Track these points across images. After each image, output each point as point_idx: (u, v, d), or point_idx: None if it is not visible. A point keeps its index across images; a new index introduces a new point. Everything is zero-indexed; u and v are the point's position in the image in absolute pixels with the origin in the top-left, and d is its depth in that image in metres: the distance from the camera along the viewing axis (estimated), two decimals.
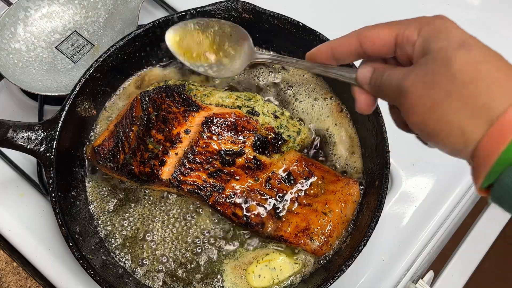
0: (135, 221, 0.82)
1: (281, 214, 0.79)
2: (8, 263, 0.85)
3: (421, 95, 0.49)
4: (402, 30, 0.53)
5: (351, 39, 0.57)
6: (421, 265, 0.89)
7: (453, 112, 0.47)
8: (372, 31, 0.55)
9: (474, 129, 0.46)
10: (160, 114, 0.79)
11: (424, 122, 0.49)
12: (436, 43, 0.50)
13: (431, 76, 0.49)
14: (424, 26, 0.52)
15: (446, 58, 0.48)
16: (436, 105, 0.48)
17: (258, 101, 0.82)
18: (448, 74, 0.47)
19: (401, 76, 0.51)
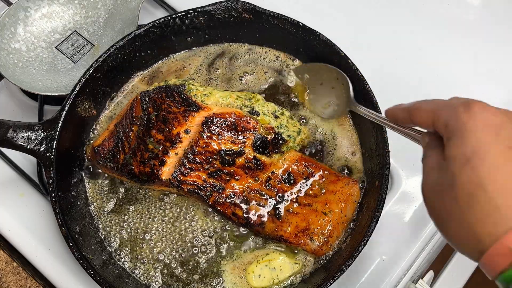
0: (135, 221, 0.82)
1: (281, 214, 0.79)
2: (8, 263, 0.85)
3: (431, 199, 0.52)
4: (436, 119, 0.54)
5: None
6: (421, 265, 0.88)
7: (453, 232, 0.49)
8: (417, 112, 0.56)
9: (470, 252, 0.49)
10: (160, 114, 0.79)
11: (436, 219, 0.52)
12: (450, 150, 0.50)
13: (439, 191, 0.51)
14: (451, 120, 0.51)
15: (452, 175, 0.49)
16: (442, 217, 0.51)
17: (258, 101, 0.82)
18: (452, 194, 0.49)
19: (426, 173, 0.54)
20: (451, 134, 0.50)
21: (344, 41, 0.85)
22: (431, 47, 1.04)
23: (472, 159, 0.47)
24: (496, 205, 0.46)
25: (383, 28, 1.06)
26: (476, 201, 0.47)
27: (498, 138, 0.48)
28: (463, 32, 1.06)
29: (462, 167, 0.48)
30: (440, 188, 0.50)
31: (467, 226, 0.47)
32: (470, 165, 0.47)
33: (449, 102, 0.53)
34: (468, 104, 0.50)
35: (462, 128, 0.49)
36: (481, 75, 1.01)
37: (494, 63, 1.02)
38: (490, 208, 0.46)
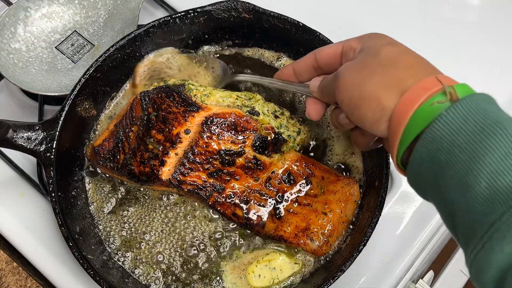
0: (135, 221, 0.82)
1: (281, 214, 0.79)
2: (8, 263, 0.85)
3: (350, 75, 0.58)
4: (347, 42, 0.65)
5: (309, 57, 0.70)
6: (421, 265, 0.89)
7: (374, 86, 0.55)
8: (325, 47, 0.68)
9: (389, 98, 0.53)
10: (160, 114, 0.79)
11: (350, 97, 0.57)
12: (369, 42, 0.61)
13: (361, 62, 0.59)
14: (363, 36, 0.64)
15: (376, 50, 0.59)
16: (362, 82, 0.56)
17: (258, 100, 0.82)
18: (375, 60, 0.57)
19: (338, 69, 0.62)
20: (368, 39, 0.63)
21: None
22: (431, 47, 1.04)
23: (392, 43, 0.60)
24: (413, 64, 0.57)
25: (383, 28, 1.05)
26: (399, 61, 0.56)
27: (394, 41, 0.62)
28: (463, 32, 1.06)
29: (385, 46, 0.59)
30: (360, 63, 0.59)
31: (389, 78, 0.55)
32: (391, 45, 0.59)
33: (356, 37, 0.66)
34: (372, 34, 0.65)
35: (378, 35, 0.63)
36: (481, 75, 1.01)
37: (494, 63, 1.02)
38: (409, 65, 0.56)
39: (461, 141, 0.48)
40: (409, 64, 0.56)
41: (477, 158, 0.47)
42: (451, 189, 0.49)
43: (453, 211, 0.49)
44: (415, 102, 0.51)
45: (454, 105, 0.49)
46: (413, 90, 0.52)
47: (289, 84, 0.74)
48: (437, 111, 0.50)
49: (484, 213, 0.45)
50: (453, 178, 0.48)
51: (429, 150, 0.50)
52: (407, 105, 0.52)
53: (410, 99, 0.52)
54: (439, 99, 0.51)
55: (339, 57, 0.66)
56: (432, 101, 0.51)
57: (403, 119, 0.52)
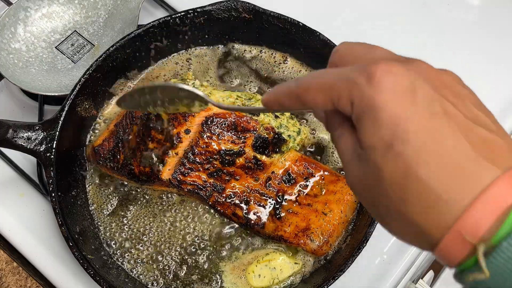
0: (135, 221, 0.82)
1: (281, 214, 0.79)
2: (8, 263, 0.85)
3: (364, 200, 0.44)
4: (335, 100, 0.42)
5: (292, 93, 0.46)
6: (421, 265, 0.88)
7: (396, 228, 0.41)
8: (308, 96, 0.43)
9: (423, 248, 0.41)
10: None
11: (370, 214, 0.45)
12: (365, 137, 0.40)
13: (367, 186, 0.42)
14: (355, 98, 0.40)
15: (376, 168, 0.40)
16: (379, 215, 0.42)
17: (258, 100, 0.82)
18: (381, 191, 0.40)
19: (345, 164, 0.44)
20: (359, 116, 0.40)
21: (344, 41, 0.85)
22: (431, 47, 1.04)
23: (394, 144, 0.38)
24: (434, 192, 0.37)
25: (383, 28, 1.06)
26: (411, 193, 0.38)
27: (415, 106, 0.38)
28: (463, 32, 1.06)
29: (384, 157, 0.38)
30: (367, 183, 0.41)
31: (408, 221, 0.39)
32: (393, 153, 0.38)
33: (343, 74, 0.41)
34: (369, 72, 0.39)
35: (371, 106, 0.39)
36: (481, 75, 1.01)
37: (494, 63, 1.02)
38: (428, 198, 0.38)
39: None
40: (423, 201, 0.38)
41: None
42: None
43: None
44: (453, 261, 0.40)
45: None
46: (445, 249, 0.39)
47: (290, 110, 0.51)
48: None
49: None
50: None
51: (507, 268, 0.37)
52: (446, 262, 0.41)
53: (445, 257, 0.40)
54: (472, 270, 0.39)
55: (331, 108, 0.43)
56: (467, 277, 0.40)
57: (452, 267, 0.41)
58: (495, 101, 0.98)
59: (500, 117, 0.95)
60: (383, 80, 0.38)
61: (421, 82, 0.39)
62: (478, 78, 1.01)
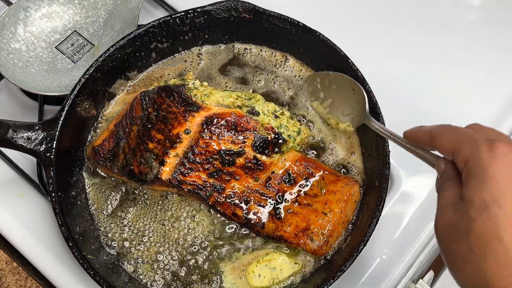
0: (135, 221, 0.82)
1: (281, 214, 0.79)
2: (8, 263, 0.85)
3: (444, 243, 0.51)
4: (456, 151, 0.52)
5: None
6: (421, 265, 0.88)
7: (465, 276, 0.49)
8: (439, 139, 0.55)
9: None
10: (160, 114, 0.79)
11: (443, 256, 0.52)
12: (469, 192, 0.48)
13: (454, 233, 0.49)
14: (472, 158, 0.49)
15: (469, 219, 0.47)
16: (453, 260, 0.50)
17: (258, 100, 0.82)
18: (467, 240, 0.48)
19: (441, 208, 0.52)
20: (471, 173, 0.49)
21: (344, 41, 0.85)
22: (431, 47, 1.04)
23: (491, 207, 0.46)
24: (510, 256, 0.45)
25: (383, 28, 1.06)
26: (492, 252, 0.45)
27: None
28: (463, 32, 1.06)
29: (480, 214, 0.46)
30: (455, 230, 0.49)
31: (480, 274, 0.46)
32: (488, 213, 0.46)
33: (473, 137, 0.50)
34: (493, 144, 0.48)
35: (483, 170, 0.47)
36: (481, 75, 1.01)
37: (494, 63, 1.02)
38: (506, 261, 0.45)
39: None
40: (501, 261, 0.46)
41: None
42: None
43: None
44: None
45: None
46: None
47: (422, 152, 0.60)
48: None
49: None
50: None
51: None
52: None
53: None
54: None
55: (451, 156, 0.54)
56: None
57: None
58: (495, 101, 0.98)
59: (500, 117, 0.95)
60: (502, 155, 0.47)
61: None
62: (479, 78, 1.01)
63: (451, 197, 0.51)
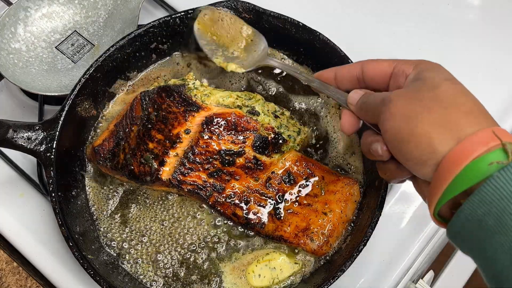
0: (135, 221, 0.82)
1: (281, 214, 0.79)
2: (8, 263, 0.85)
3: (402, 105, 0.54)
4: (400, 64, 0.60)
5: (355, 65, 0.65)
6: (421, 265, 0.89)
7: (427, 124, 0.51)
8: (375, 61, 0.63)
9: (442, 143, 0.50)
10: (160, 114, 0.79)
11: (399, 129, 0.53)
12: (427, 73, 0.56)
13: (416, 92, 0.54)
14: (420, 63, 0.58)
15: (433, 83, 0.54)
16: (415, 116, 0.52)
17: (258, 100, 0.82)
18: (432, 94, 0.53)
19: (387, 93, 0.57)
20: (426, 69, 0.57)
21: (344, 41, 0.85)
22: (431, 47, 1.04)
23: (452, 79, 0.55)
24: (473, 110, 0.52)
25: (383, 28, 1.06)
26: (459, 103, 0.52)
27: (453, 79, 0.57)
28: (463, 32, 1.06)
29: (445, 81, 0.54)
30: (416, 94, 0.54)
31: (446, 120, 0.51)
32: (451, 81, 0.55)
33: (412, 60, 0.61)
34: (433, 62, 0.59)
35: (436, 66, 0.58)
36: (481, 75, 1.01)
37: (494, 63, 1.02)
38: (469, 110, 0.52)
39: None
40: (469, 109, 0.52)
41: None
42: (499, 256, 0.46)
43: (499, 275, 0.46)
44: (470, 154, 0.47)
45: (508, 167, 0.45)
46: (471, 141, 0.48)
47: (326, 87, 0.68)
48: (493, 171, 0.46)
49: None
50: (503, 246, 0.45)
51: (477, 213, 0.47)
52: (460, 155, 0.48)
53: (466, 149, 0.48)
54: (498, 159, 0.47)
55: (387, 76, 0.61)
56: (490, 160, 0.47)
57: (454, 170, 0.48)
58: (495, 100, 0.98)
59: (500, 117, 0.95)
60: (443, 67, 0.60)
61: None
62: (478, 78, 1.01)
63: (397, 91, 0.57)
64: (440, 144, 0.50)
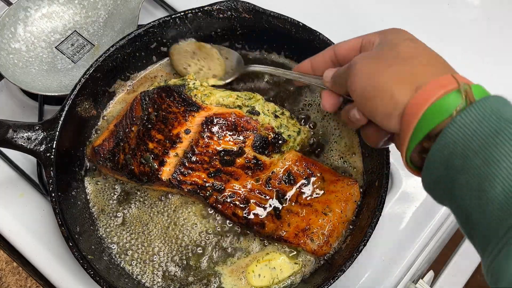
0: (135, 221, 0.82)
1: (281, 214, 0.79)
2: (8, 263, 0.85)
3: (364, 64, 0.57)
4: (367, 36, 0.64)
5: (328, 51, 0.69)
6: (421, 265, 0.88)
7: (388, 79, 0.54)
8: (345, 41, 0.67)
9: (402, 93, 0.52)
10: (160, 114, 0.79)
11: (364, 87, 0.56)
12: (390, 36, 0.61)
13: (376, 53, 0.58)
14: (384, 32, 0.63)
15: (394, 44, 0.58)
16: (377, 73, 0.55)
17: (258, 100, 0.82)
18: (392, 53, 0.57)
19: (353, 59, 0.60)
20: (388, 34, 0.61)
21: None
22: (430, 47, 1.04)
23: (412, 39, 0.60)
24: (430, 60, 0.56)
25: (383, 28, 1.06)
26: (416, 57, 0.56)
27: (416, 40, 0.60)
28: (463, 32, 1.06)
29: (404, 41, 0.58)
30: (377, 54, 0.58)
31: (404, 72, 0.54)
32: (411, 41, 0.59)
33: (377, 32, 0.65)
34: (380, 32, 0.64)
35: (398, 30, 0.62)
36: (481, 75, 1.01)
37: (494, 63, 1.02)
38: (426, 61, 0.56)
39: (475, 145, 0.47)
40: (426, 61, 0.55)
41: (492, 162, 0.45)
42: (466, 194, 0.48)
43: (469, 217, 0.48)
44: (429, 99, 0.50)
45: (469, 108, 0.48)
46: (428, 87, 0.51)
47: (304, 75, 0.73)
48: (451, 108, 0.49)
49: (500, 218, 0.44)
50: (468, 184, 0.47)
51: (444, 154, 0.49)
52: (420, 101, 0.51)
53: (424, 95, 0.51)
54: (454, 99, 0.50)
55: (357, 50, 0.65)
56: (447, 100, 0.50)
57: (416, 115, 0.51)
58: None
59: None
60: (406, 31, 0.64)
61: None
62: (478, 78, 1.01)
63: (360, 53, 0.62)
64: (400, 94, 0.52)
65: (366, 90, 0.56)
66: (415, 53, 0.56)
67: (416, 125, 0.51)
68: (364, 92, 0.56)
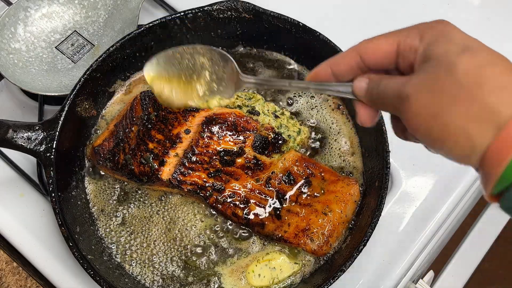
0: (134, 221, 0.82)
1: (281, 214, 0.79)
2: (8, 263, 0.85)
3: (425, 102, 0.47)
4: (403, 39, 0.52)
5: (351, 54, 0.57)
6: (421, 265, 0.88)
7: (459, 118, 0.45)
8: (372, 43, 0.55)
9: (481, 135, 0.44)
10: (160, 114, 0.79)
11: (429, 129, 0.47)
12: (439, 48, 0.48)
13: (434, 81, 0.47)
14: (425, 31, 0.50)
15: (450, 63, 0.47)
16: (441, 111, 0.46)
17: (258, 100, 0.82)
18: (453, 79, 0.46)
19: (400, 83, 0.50)
20: (435, 40, 0.49)
21: (344, 41, 0.85)
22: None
23: (468, 49, 0.48)
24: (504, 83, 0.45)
25: (383, 28, 1.05)
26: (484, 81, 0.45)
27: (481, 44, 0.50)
28: None
29: (461, 55, 0.47)
30: (434, 84, 0.47)
31: (477, 106, 0.44)
32: (469, 53, 0.47)
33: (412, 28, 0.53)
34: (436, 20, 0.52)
35: (445, 30, 0.50)
36: None
37: None
38: (499, 85, 0.45)
39: None
40: (498, 84, 0.45)
41: None
42: None
43: None
44: (498, 168, 0.44)
45: None
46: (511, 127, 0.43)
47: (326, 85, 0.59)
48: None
49: None
50: None
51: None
52: (505, 146, 0.43)
53: (508, 138, 0.43)
54: None
55: (392, 56, 0.54)
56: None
57: (502, 161, 0.44)
58: None
59: None
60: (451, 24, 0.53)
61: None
62: None
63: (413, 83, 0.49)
64: (480, 137, 0.44)
65: (434, 132, 0.47)
66: (480, 76, 0.45)
67: (503, 172, 0.44)
68: (431, 134, 0.48)
